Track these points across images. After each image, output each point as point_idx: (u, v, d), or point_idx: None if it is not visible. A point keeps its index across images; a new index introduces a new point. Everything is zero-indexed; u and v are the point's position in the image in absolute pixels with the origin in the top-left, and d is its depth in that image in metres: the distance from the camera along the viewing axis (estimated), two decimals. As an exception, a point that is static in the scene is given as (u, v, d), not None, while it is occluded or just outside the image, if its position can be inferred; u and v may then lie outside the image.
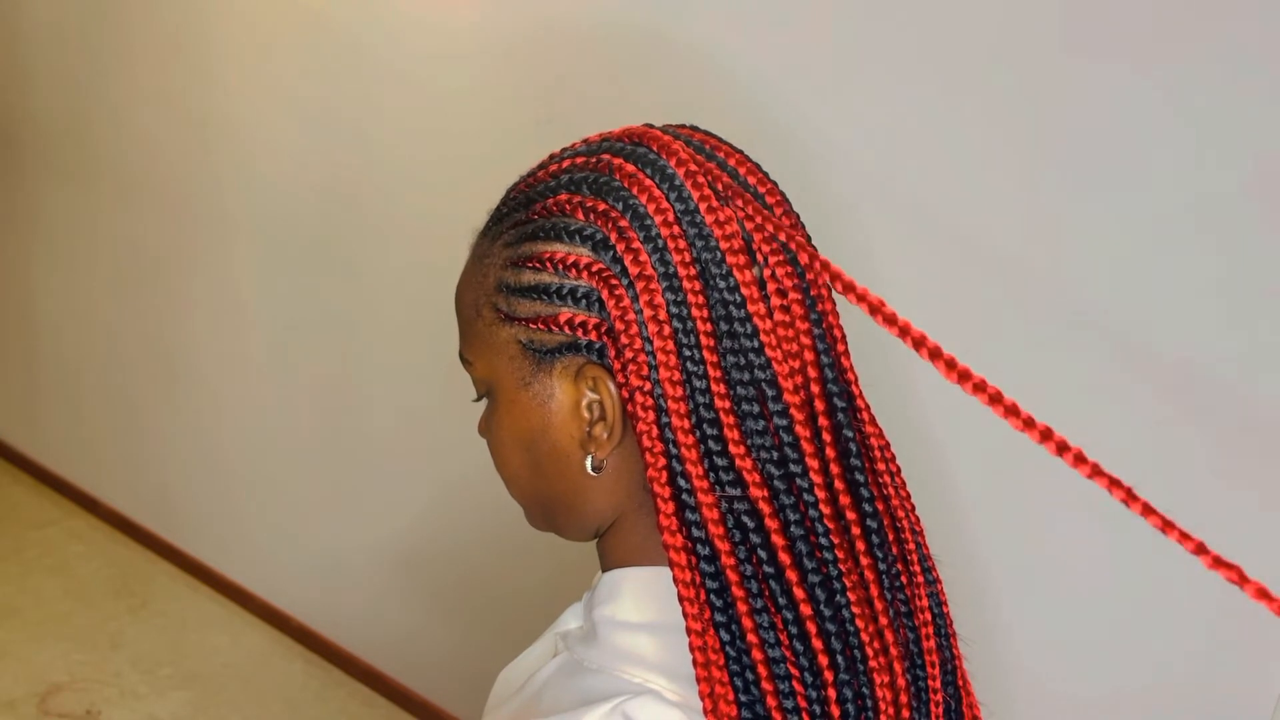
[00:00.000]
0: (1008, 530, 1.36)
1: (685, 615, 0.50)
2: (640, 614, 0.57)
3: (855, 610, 0.52)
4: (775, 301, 0.53)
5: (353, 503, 2.23)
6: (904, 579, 0.55)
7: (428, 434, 2.03)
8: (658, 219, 0.52)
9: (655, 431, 0.51)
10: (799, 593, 0.51)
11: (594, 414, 0.55)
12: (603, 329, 0.53)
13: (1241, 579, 0.40)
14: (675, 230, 0.52)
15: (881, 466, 0.56)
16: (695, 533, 0.51)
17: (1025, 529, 1.35)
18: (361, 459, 2.18)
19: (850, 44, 1.35)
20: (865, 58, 1.34)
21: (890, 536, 0.54)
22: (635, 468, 0.56)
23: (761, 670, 0.50)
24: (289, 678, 2.32)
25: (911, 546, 0.56)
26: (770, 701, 0.50)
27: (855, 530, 0.53)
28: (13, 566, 2.61)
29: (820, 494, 0.52)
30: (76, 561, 2.65)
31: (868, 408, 0.56)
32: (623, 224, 0.52)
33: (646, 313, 0.52)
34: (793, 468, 0.52)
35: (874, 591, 0.53)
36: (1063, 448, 0.43)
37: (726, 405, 0.51)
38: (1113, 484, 0.42)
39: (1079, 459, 0.42)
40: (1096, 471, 0.43)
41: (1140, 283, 1.20)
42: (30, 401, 2.95)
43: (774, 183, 0.57)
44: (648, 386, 0.52)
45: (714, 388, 0.51)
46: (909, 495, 0.58)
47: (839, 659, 0.51)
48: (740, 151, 0.57)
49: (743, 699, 0.50)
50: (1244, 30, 1.10)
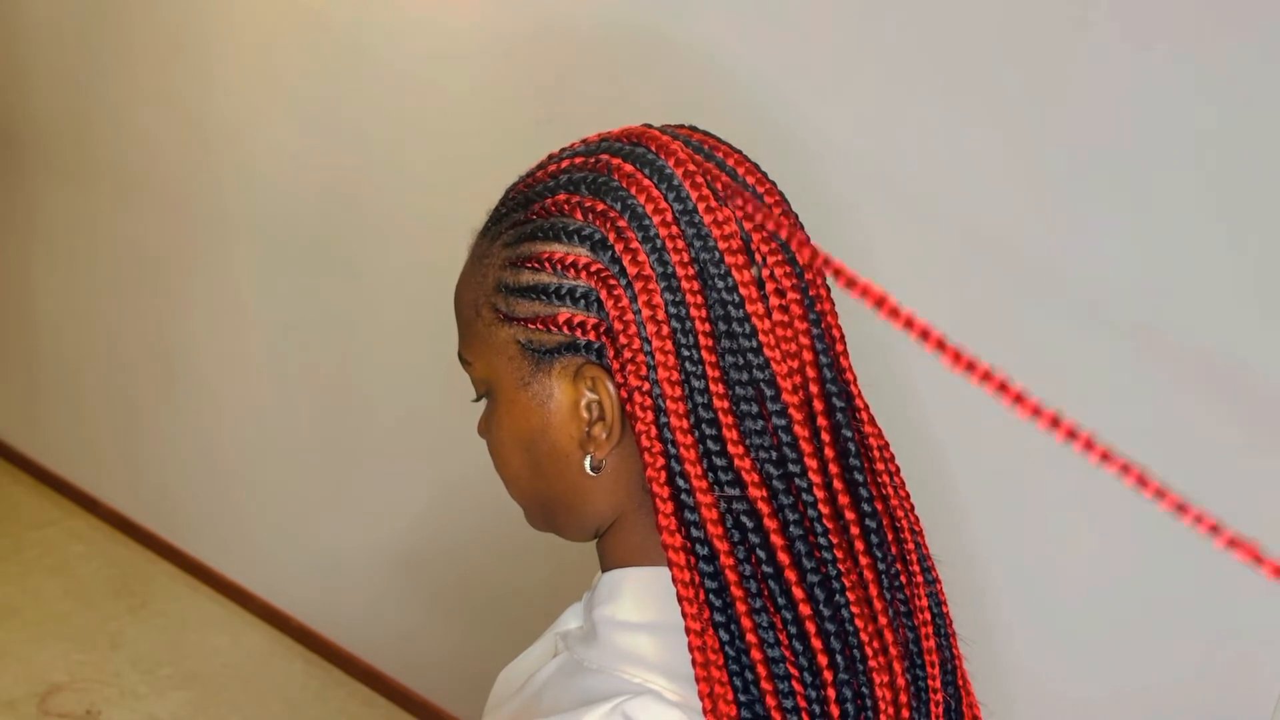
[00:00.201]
0: (1008, 530, 1.36)
1: (684, 615, 0.50)
2: (640, 614, 0.57)
3: (854, 610, 0.52)
4: (774, 301, 0.53)
5: (353, 503, 2.23)
6: (903, 579, 0.55)
7: (428, 434, 2.03)
8: (656, 219, 0.52)
9: (654, 432, 0.51)
10: (798, 592, 0.51)
11: (593, 414, 0.55)
12: (601, 329, 0.53)
13: (1258, 559, 0.40)
14: (674, 230, 0.52)
15: (880, 467, 0.56)
16: (694, 533, 0.51)
17: (1025, 529, 1.35)
18: (361, 459, 2.18)
19: (850, 44, 1.35)
20: (865, 58, 1.34)
21: (889, 536, 0.54)
22: (634, 468, 0.56)
23: (761, 670, 0.50)
24: (289, 678, 2.32)
25: (911, 546, 0.56)
26: (770, 701, 0.50)
27: (854, 530, 0.53)
28: (13, 566, 2.61)
29: (819, 494, 0.52)
30: (76, 561, 2.65)
31: (867, 408, 0.56)
32: (621, 224, 0.52)
33: (645, 313, 0.52)
34: (791, 468, 0.52)
35: (873, 591, 0.53)
36: (1072, 435, 0.42)
37: (725, 405, 0.51)
38: (1125, 470, 0.42)
39: (1088, 445, 0.42)
40: (1107, 458, 0.42)
41: (1145, 280, 1.20)
42: (30, 401, 2.95)
43: (773, 183, 0.57)
44: (646, 387, 0.52)
45: (712, 388, 0.51)
46: (908, 495, 0.58)
47: (838, 659, 0.51)
48: (739, 152, 0.57)
49: (742, 699, 0.50)
50: (1259, 18, 1.10)
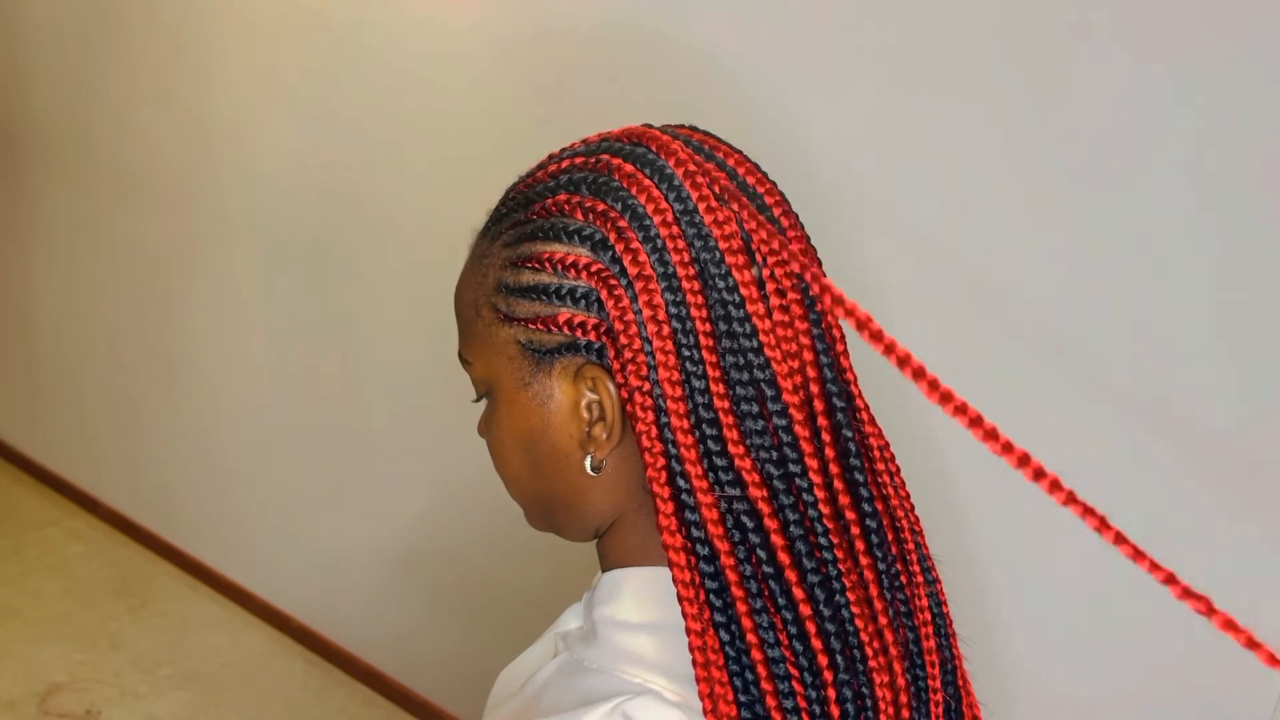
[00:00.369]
0: (1008, 530, 1.36)
1: (684, 615, 0.50)
2: (640, 614, 0.57)
3: (855, 610, 0.52)
4: (774, 302, 0.53)
5: (353, 503, 2.23)
6: (903, 579, 0.55)
7: (428, 434, 2.03)
8: (656, 219, 0.52)
9: (654, 432, 0.51)
10: (798, 593, 0.51)
11: (593, 414, 0.55)
12: (602, 329, 0.53)
13: (1210, 610, 0.41)
14: (674, 230, 0.52)
15: (881, 466, 0.56)
16: (695, 533, 0.51)
17: (1025, 529, 1.35)
18: (361, 459, 2.18)
19: (850, 44, 1.35)
20: (865, 58, 1.34)
21: (890, 536, 0.54)
22: (635, 468, 0.56)
23: (761, 670, 0.50)
24: (289, 678, 2.32)
25: (911, 546, 0.56)
26: (770, 701, 0.50)
27: (854, 530, 0.53)
28: (13, 566, 2.61)
29: (819, 494, 0.52)
30: (76, 561, 2.65)
31: (867, 408, 0.56)
32: (621, 224, 0.52)
33: (645, 313, 0.52)
34: (792, 468, 0.52)
35: (873, 591, 0.53)
36: (1039, 474, 0.43)
37: (725, 405, 0.51)
38: (1086, 513, 0.43)
39: (1055, 486, 0.43)
40: (1071, 499, 0.43)
41: (1139, 277, 1.20)
42: (30, 401, 2.95)
43: (773, 183, 0.57)
44: (647, 387, 0.52)
45: (713, 388, 0.51)
46: (908, 495, 0.58)
47: (838, 659, 0.51)
48: (739, 152, 0.57)
49: (742, 699, 0.50)
50: (1253, 25, 1.10)
